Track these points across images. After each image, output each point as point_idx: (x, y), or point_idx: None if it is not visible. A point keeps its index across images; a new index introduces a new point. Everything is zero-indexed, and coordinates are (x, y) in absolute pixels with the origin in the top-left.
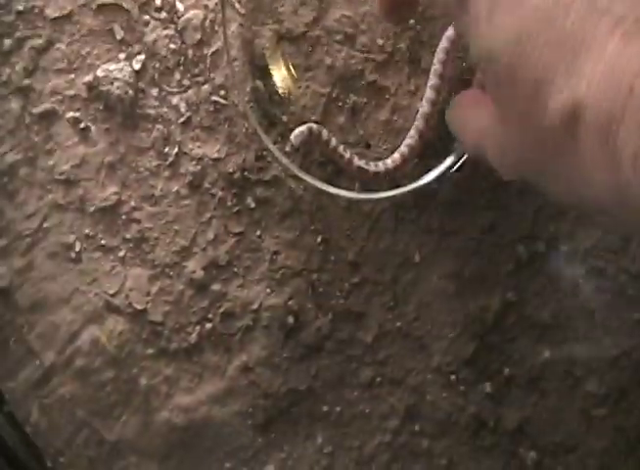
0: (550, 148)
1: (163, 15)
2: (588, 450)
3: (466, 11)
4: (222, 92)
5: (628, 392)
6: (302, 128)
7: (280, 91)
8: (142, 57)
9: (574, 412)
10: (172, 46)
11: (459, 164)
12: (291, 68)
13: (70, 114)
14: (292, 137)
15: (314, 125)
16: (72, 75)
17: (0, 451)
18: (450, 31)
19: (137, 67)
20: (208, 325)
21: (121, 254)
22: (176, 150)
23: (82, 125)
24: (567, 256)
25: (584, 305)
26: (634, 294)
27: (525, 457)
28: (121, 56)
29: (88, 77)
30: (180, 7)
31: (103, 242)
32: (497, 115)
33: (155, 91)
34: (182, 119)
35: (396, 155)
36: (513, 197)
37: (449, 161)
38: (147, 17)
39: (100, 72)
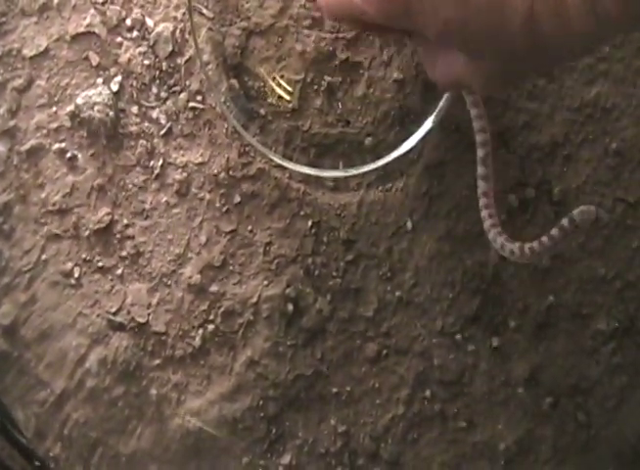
0: (523, 49)
1: (135, 33)
2: (605, 389)
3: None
4: (199, 97)
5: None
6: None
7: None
8: (119, 78)
9: (585, 353)
10: (146, 62)
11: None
12: (282, 83)
13: (56, 145)
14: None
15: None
16: (55, 108)
17: None
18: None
19: (115, 88)
20: (211, 327)
21: (119, 272)
22: (161, 162)
23: (69, 155)
24: (559, 196)
25: (584, 243)
26: (633, 223)
27: (542, 404)
28: (99, 81)
29: (70, 107)
30: (150, 23)
31: (100, 264)
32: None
33: (134, 108)
34: (163, 131)
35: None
36: (496, 148)
37: (427, 124)
38: (119, 38)
39: (80, 100)
